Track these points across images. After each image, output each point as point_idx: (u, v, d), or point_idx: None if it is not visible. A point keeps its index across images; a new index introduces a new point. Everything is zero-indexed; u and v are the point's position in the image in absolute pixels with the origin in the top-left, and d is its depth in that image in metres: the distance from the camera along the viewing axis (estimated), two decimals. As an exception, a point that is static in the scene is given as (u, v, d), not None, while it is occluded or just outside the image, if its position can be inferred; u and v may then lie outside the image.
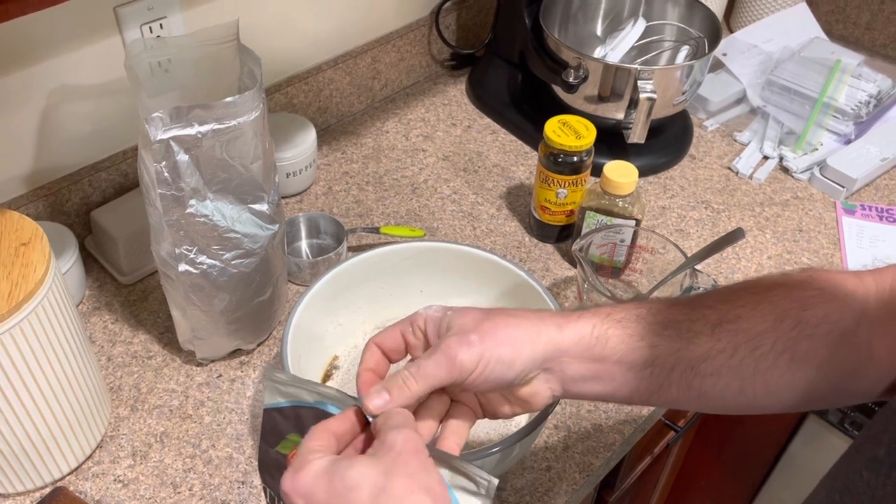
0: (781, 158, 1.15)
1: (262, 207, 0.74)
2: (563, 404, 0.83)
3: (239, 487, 0.74)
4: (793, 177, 1.13)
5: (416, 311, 0.56)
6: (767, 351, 0.51)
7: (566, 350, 0.52)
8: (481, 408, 0.56)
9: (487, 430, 0.77)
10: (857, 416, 1.09)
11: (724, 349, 0.51)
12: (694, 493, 1.40)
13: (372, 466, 0.45)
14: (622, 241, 0.91)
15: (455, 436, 0.53)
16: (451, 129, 1.20)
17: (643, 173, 1.07)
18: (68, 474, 0.75)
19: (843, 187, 1.09)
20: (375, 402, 0.50)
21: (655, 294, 0.85)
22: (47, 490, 0.73)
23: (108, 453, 0.77)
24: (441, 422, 0.54)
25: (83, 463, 0.75)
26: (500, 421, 0.78)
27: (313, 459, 0.46)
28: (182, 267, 0.72)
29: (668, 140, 1.16)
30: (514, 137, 1.18)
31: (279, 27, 1.05)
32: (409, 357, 0.56)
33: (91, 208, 0.94)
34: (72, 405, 0.70)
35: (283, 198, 1.05)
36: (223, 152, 0.68)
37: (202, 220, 0.70)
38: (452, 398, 0.55)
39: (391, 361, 0.56)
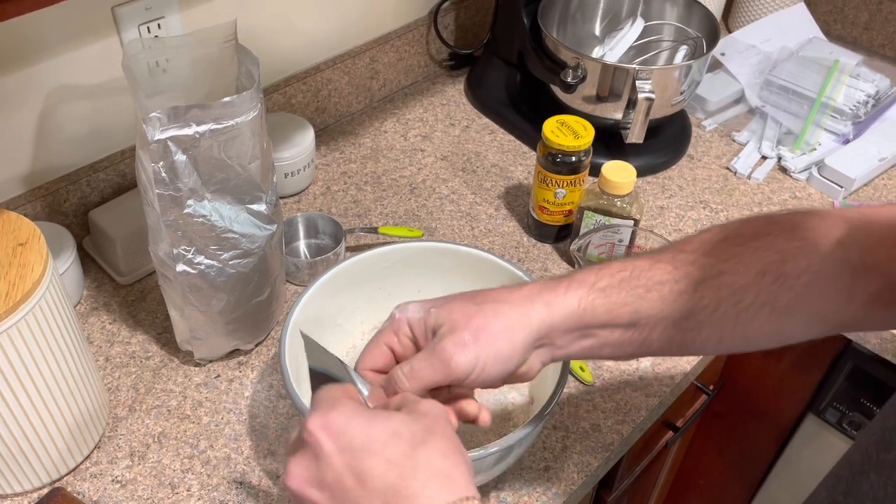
0: (780, 158, 1.15)
1: (260, 207, 0.74)
2: (561, 405, 0.83)
3: (237, 488, 0.74)
4: (791, 177, 1.13)
5: (393, 316, 0.55)
6: (749, 304, 0.52)
7: (556, 326, 0.53)
8: None
9: (486, 430, 0.77)
10: (855, 415, 1.09)
11: (706, 306, 0.52)
12: (692, 493, 1.40)
13: (412, 422, 0.45)
14: (620, 240, 0.91)
15: (472, 405, 0.54)
16: (449, 129, 1.20)
17: (641, 173, 1.07)
18: (66, 475, 0.75)
19: (842, 187, 1.09)
20: (373, 403, 0.52)
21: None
22: (45, 491, 0.73)
23: (106, 454, 0.77)
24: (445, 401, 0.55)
25: (81, 463, 0.75)
26: (498, 421, 0.78)
27: (346, 403, 0.46)
28: (180, 267, 0.72)
29: (667, 140, 1.16)
30: (512, 137, 1.18)
31: (277, 27, 1.05)
32: None
33: (89, 208, 0.94)
34: (69, 406, 0.70)
35: (282, 198, 1.05)
36: (221, 152, 0.68)
37: (200, 220, 0.70)
38: None
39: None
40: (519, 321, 0.52)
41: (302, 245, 0.99)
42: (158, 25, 0.91)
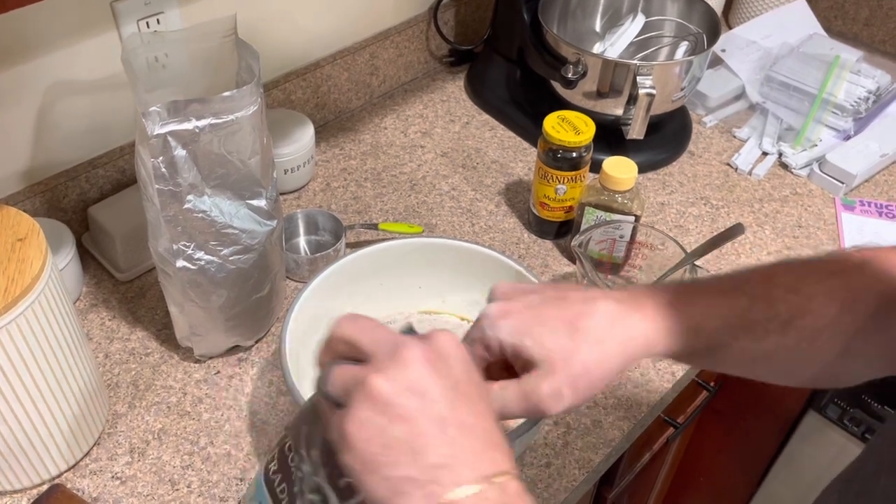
0: (780, 154, 1.15)
1: (260, 203, 0.74)
2: (562, 400, 0.82)
3: (237, 484, 0.74)
4: (792, 173, 1.13)
5: (482, 328, 0.51)
6: (825, 344, 0.51)
7: (644, 357, 0.52)
8: None
9: (487, 426, 0.77)
10: (856, 412, 1.09)
11: (788, 345, 0.51)
12: (693, 490, 1.40)
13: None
14: (621, 236, 0.90)
15: None
16: (449, 126, 1.19)
17: (642, 169, 1.07)
18: (65, 471, 0.74)
19: (843, 183, 1.09)
20: None
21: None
22: (44, 487, 0.72)
23: (106, 450, 0.76)
24: None
25: (80, 460, 0.75)
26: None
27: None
28: (180, 263, 0.72)
29: (668, 136, 1.15)
30: (512, 134, 1.18)
31: (277, 22, 1.05)
32: None
33: (88, 205, 0.94)
34: (69, 402, 0.70)
35: (282, 194, 1.04)
36: (221, 147, 0.68)
37: (200, 215, 0.70)
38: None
39: None
40: (618, 363, 0.50)
41: (302, 241, 0.99)
42: (157, 21, 0.90)
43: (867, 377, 0.54)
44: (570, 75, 1.03)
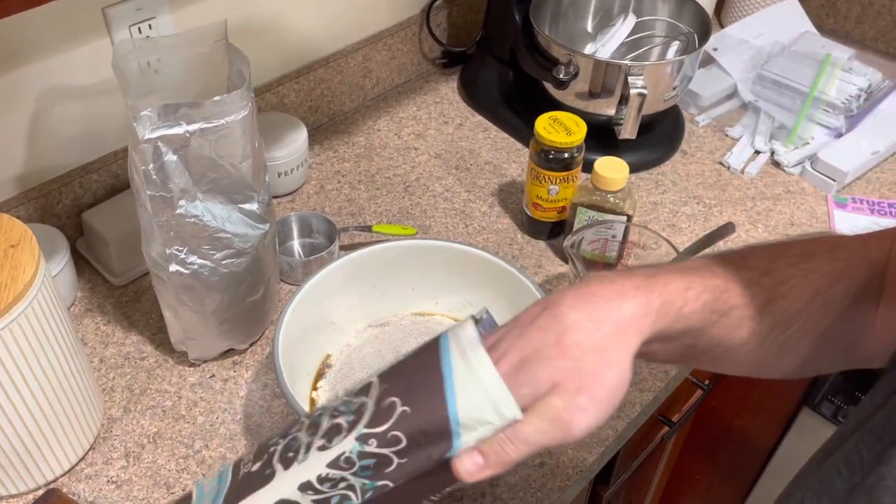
0: (773, 153, 1.15)
1: (252, 207, 0.74)
2: (556, 400, 0.83)
3: (232, 487, 0.74)
4: (784, 171, 1.14)
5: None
6: (796, 331, 0.51)
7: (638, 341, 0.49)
8: None
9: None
10: (850, 408, 1.09)
11: (762, 331, 0.50)
12: (689, 489, 1.40)
13: None
14: (614, 236, 0.91)
15: None
16: (442, 128, 1.20)
17: (635, 169, 1.07)
18: (61, 476, 0.74)
19: (835, 181, 1.09)
20: (467, 467, 0.46)
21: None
22: (40, 492, 0.72)
23: (101, 454, 0.77)
24: None
25: (76, 464, 0.75)
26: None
27: None
28: (173, 267, 0.72)
29: (660, 136, 1.16)
30: (505, 135, 1.18)
31: (269, 26, 1.05)
32: None
33: (82, 210, 0.94)
34: (64, 407, 0.70)
35: (275, 197, 1.05)
36: (212, 151, 0.68)
37: (192, 220, 0.70)
38: None
39: None
40: (624, 356, 0.46)
41: (296, 244, 0.99)
42: (150, 26, 0.90)
43: (830, 370, 0.54)
44: (561, 76, 1.03)
